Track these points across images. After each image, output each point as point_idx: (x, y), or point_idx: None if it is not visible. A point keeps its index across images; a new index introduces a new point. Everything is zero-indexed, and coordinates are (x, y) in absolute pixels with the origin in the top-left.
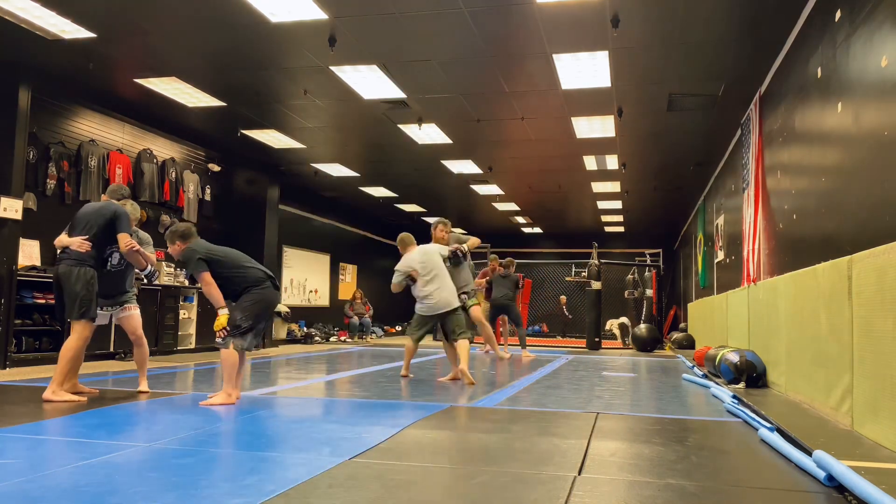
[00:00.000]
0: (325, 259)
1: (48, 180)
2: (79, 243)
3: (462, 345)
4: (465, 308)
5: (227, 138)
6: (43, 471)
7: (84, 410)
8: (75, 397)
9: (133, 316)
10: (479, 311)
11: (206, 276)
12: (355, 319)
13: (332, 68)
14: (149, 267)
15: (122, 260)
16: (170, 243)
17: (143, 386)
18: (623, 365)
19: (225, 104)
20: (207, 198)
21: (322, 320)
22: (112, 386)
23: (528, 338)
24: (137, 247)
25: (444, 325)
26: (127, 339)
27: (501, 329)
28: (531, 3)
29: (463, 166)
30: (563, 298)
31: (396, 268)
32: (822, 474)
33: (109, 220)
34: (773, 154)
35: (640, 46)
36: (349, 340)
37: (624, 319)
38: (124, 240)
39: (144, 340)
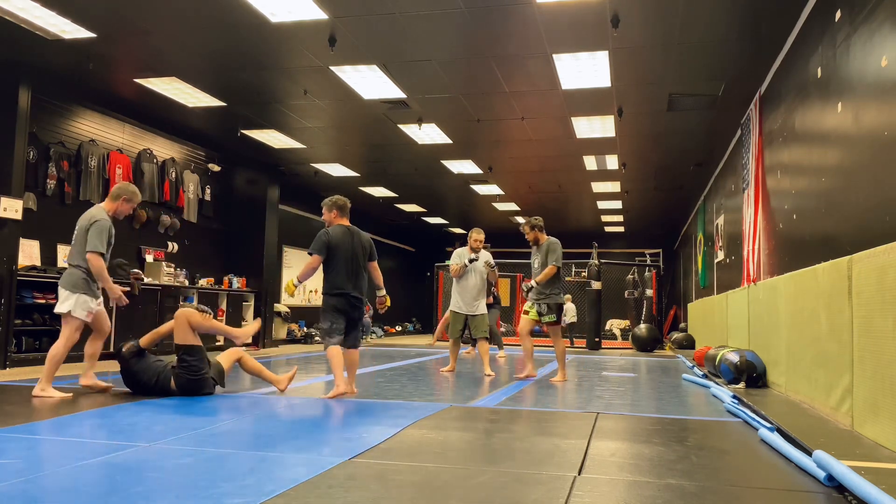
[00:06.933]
0: None
1: (48, 180)
2: None
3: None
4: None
5: (227, 138)
6: (43, 471)
7: (84, 410)
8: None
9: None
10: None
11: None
12: None
13: (332, 68)
14: None
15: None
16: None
17: None
18: (623, 365)
19: (225, 104)
20: (207, 198)
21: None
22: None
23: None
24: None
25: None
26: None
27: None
28: (531, 3)
29: (463, 166)
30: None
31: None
32: (822, 474)
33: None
34: (773, 154)
35: (640, 46)
36: None
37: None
38: None
39: None
